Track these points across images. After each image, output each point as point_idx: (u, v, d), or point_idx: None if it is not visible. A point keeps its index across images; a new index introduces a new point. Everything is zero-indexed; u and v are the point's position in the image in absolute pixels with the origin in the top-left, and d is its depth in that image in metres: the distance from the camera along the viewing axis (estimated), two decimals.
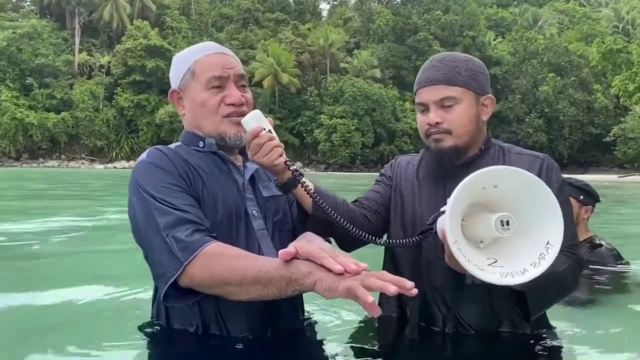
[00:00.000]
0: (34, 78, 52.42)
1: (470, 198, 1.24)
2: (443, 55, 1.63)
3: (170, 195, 1.34)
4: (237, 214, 1.44)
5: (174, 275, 1.27)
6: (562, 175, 1.58)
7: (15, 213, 7.35)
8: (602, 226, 6.27)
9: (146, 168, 1.40)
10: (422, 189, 1.65)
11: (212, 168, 1.48)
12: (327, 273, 1.15)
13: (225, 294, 1.28)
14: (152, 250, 1.33)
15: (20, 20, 56.60)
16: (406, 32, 57.97)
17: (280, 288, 1.21)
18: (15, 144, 50.69)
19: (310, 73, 56.64)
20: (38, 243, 4.27)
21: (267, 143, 1.36)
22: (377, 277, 1.09)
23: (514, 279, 1.18)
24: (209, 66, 1.48)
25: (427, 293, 1.58)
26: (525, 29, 64.98)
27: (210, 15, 64.71)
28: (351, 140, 50.41)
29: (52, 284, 2.68)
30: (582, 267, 1.55)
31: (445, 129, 1.55)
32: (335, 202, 1.53)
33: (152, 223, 1.32)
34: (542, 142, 51.37)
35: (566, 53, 54.70)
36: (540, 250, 1.20)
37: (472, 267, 1.17)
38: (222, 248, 1.29)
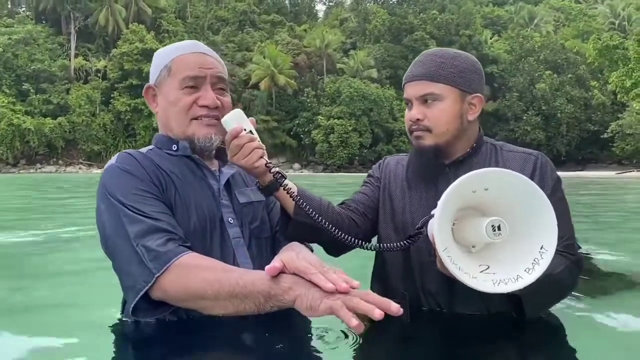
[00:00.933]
0: (30, 83, 52.33)
1: (460, 202, 1.18)
2: (433, 51, 1.58)
3: (141, 202, 1.27)
4: (212, 222, 1.37)
5: (145, 287, 1.19)
6: (557, 172, 1.53)
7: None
8: (603, 224, 6.25)
9: (115, 173, 1.32)
10: (412, 189, 1.59)
11: (186, 173, 1.40)
12: (309, 289, 1.07)
13: (200, 309, 1.21)
14: (121, 260, 1.25)
15: (16, 26, 56.50)
16: (402, 32, 58.00)
17: (258, 304, 1.13)
18: (13, 150, 50.57)
19: (307, 74, 56.62)
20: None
21: (247, 144, 1.29)
22: (362, 297, 1.02)
23: (507, 287, 1.13)
24: (186, 65, 1.41)
25: (420, 297, 1.53)
26: (521, 27, 65.11)
27: (206, 18, 64.67)
28: (349, 141, 50.38)
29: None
30: (580, 268, 1.49)
31: (425, 126, 1.50)
32: (320, 205, 1.46)
33: (121, 231, 1.24)
34: (540, 140, 51.40)
35: (562, 50, 54.79)
36: (534, 255, 1.15)
37: (463, 275, 1.13)
38: (196, 259, 1.21)
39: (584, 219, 6.45)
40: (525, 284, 1.13)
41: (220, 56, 1.53)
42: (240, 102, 53.63)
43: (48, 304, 2.20)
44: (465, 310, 1.49)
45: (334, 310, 1.01)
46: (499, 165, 1.52)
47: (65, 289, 2.48)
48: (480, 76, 1.56)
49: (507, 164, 1.52)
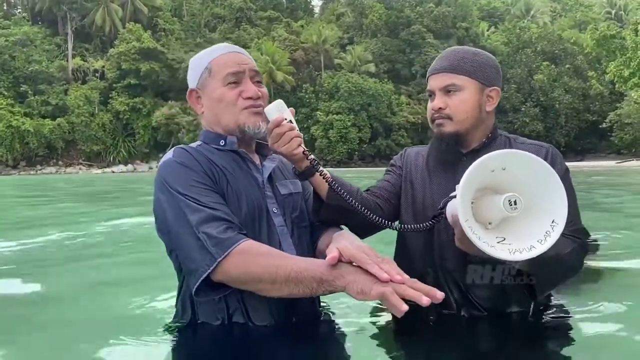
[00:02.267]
0: (28, 85, 52.33)
1: (479, 181, 1.31)
2: (455, 48, 1.74)
3: (199, 193, 1.39)
4: (259, 212, 1.50)
5: (207, 270, 1.31)
6: (565, 163, 1.67)
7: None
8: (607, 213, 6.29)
9: (174, 167, 1.45)
10: (432, 177, 1.72)
11: (234, 166, 1.53)
12: (360, 275, 1.19)
13: (258, 291, 1.33)
14: (182, 246, 1.37)
15: (12, 27, 56.41)
16: (399, 26, 57.95)
17: (312, 288, 1.25)
18: (12, 152, 50.62)
19: (304, 70, 56.60)
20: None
21: (287, 133, 1.42)
22: (410, 285, 1.14)
23: (521, 255, 1.25)
24: (225, 63, 1.54)
25: (439, 276, 1.64)
26: (518, 19, 65.06)
27: (202, 16, 64.56)
28: (348, 136, 50.44)
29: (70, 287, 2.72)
30: (586, 251, 1.62)
31: (447, 114, 1.64)
32: (351, 189, 1.58)
33: (182, 220, 1.36)
34: (539, 131, 51.42)
35: (560, 41, 54.77)
36: (546, 228, 1.27)
37: (482, 244, 1.24)
38: (255, 246, 1.34)
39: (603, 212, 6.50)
40: (538, 253, 1.25)
41: None
42: None
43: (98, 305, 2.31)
44: (481, 288, 1.61)
45: (386, 296, 1.11)
46: None
47: (116, 293, 2.57)
48: (498, 72, 1.72)
49: None
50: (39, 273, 3.18)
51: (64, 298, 2.48)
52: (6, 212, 9.38)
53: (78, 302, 2.41)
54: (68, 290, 2.63)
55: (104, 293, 2.57)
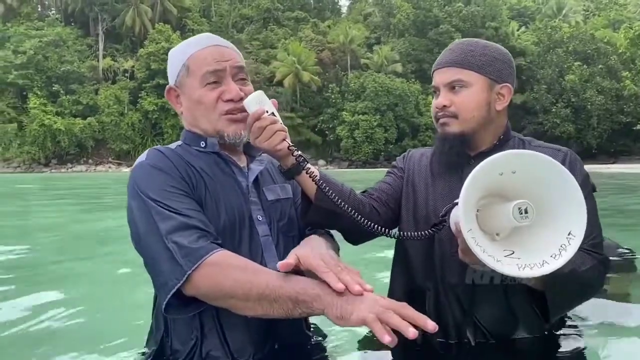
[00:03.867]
0: (60, 85, 53.47)
1: (485, 186, 1.14)
2: (463, 40, 1.57)
3: (172, 199, 1.25)
4: (241, 219, 1.35)
5: (177, 284, 1.17)
6: (585, 169, 1.49)
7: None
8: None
9: (146, 171, 1.30)
10: (435, 181, 1.57)
11: (215, 170, 1.38)
12: (339, 297, 1.05)
13: (231, 308, 1.19)
14: (152, 257, 1.23)
15: (46, 28, 57.75)
16: (427, 26, 57.42)
17: (287, 309, 1.11)
18: (44, 150, 51.81)
19: (331, 70, 56.54)
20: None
21: (269, 126, 1.27)
22: (397, 311, 0.99)
23: (532, 271, 1.08)
24: (204, 60, 1.37)
25: (439, 292, 1.50)
26: (549, 18, 63.78)
27: (230, 17, 65.05)
28: (374, 137, 50.19)
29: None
30: (607, 268, 1.44)
31: (452, 113, 1.48)
32: (342, 190, 1.43)
33: (153, 228, 1.22)
34: (570, 132, 50.36)
35: (592, 40, 53.44)
36: (561, 241, 1.10)
37: (487, 257, 1.08)
38: (228, 257, 1.19)
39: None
40: (551, 270, 1.08)
41: (244, 54, 1.50)
42: None
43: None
44: (486, 305, 1.45)
45: (367, 323, 0.99)
46: None
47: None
48: (511, 67, 1.54)
49: None
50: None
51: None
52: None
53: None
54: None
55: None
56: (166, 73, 1.54)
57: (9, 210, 9.25)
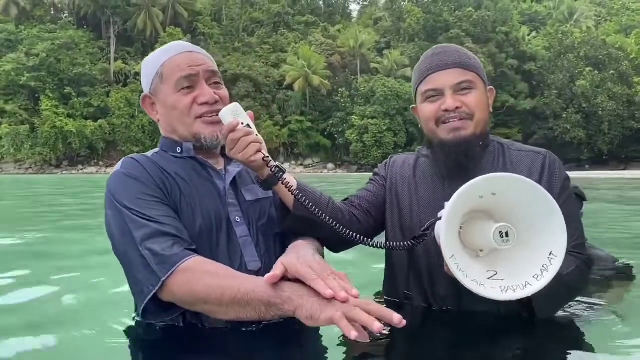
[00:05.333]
0: (72, 87, 53.91)
1: (467, 206, 1.17)
2: (447, 45, 1.59)
3: (146, 207, 1.28)
4: (218, 223, 1.37)
5: (152, 291, 1.21)
6: (565, 171, 1.51)
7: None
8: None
9: (120, 179, 1.34)
10: (419, 189, 1.57)
11: (191, 175, 1.41)
12: (309, 299, 1.08)
13: (206, 312, 1.22)
14: (128, 265, 1.27)
15: (59, 31, 58.30)
16: (438, 30, 57.30)
17: (259, 312, 1.13)
18: (56, 152, 52.22)
19: (340, 74, 56.58)
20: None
21: (243, 138, 1.29)
22: (364, 307, 1.02)
23: (515, 294, 1.12)
24: (177, 67, 1.41)
25: (429, 300, 1.51)
26: (560, 23, 63.44)
27: (241, 20, 65.32)
28: (383, 141, 50.12)
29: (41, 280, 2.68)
30: (590, 268, 1.48)
31: (467, 113, 1.46)
32: (320, 199, 1.43)
33: (128, 237, 1.25)
34: (581, 138, 49.99)
35: (604, 46, 53.05)
36: (542, 261, 1.13)
37: (470, 282, 1.12)
38: (201, 264, 1.22)
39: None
40: (533, 291, 1.12)
41: (255, 57, 1.54)
42: (274, 103, 54.00)
43: (63, 304, 2.22)
44: (477, 311, 1.46)
45: (335, 321, 1.02)
46: (506, 164, 1.50)
47: (80, 286, 2.51)
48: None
49: (515, 163, 1.50)
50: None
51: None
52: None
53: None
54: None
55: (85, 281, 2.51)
56: None
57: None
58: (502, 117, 56.11)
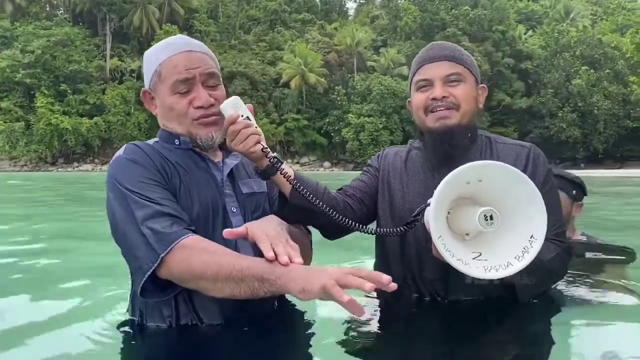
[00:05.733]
0: (67, 84, 53.77)
1: (455, 192, 1.26)
2: (440, 42, 1.69)
3: (148, 189, 1.33)
4: (214, 211, 1.42)
5: (151, 267, 1.25)
6: (548, 164, 1.61)
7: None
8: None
9: (123, 164, 1.39)
10: (410, 179, 1.65)
11: (190, 164, 1.46)
12: (302, 274, 1.13)
13: (201, 289, 1.27)
14: (129, 244, 1.31)
15: (54, 28, 58.09)
16: (434, 29, 57.38)
17: (253, 288, 1.19)
18: (51, 149, 52.09)
19: (337, 72, 56.62)
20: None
21: (243, 130, 1.36)
22: (355, 273, 1.08)
23: (497, 273, 1.22)
24: (174, 68, 1.44)
25: (417, 284, 1.59)
26: (556, 22, 63.61)
27: (237, 18, 65.26)
28: (379, 139, 50.19)
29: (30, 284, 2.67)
30: (570, 255, 1.57)
31: (452, 103, 1.55)
32: (316, 189, 1.51)
33: (129, 217, 1.30)
34: (576, 137, 50.21)
35: (600, 45, 53.26)
36: (524, 244, 1.23)
37: (456, 261, 1.20)
38: (199, 241, 1.28)
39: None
40: (515, 271, 1.21)
41: (251, 55, 1.56)
42: (271, 101, 53.98)
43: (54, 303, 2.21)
44: (461, 297, 1.55)
45: (327, 288, 1.05)
46: (493, 156, 1.59)
47: (72, 287, 2.50)
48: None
49: (501, 155, 1.59)
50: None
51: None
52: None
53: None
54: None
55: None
56: None
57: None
58: (498, 115, 56.28)
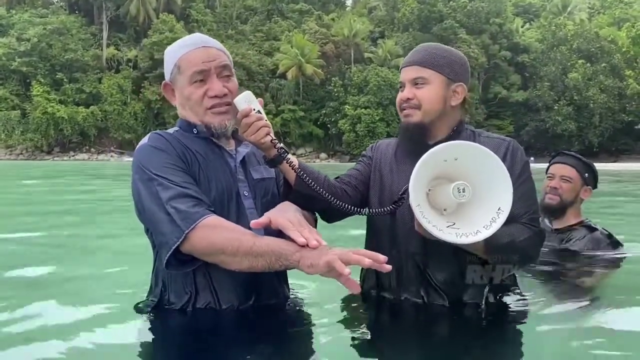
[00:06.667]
0: (63, 73, 53.51)
1: (434, 169, 1.46)
2: (429, 44, 1.86)
3: (172, 174, 1.49)
4: (229, 195, 1.59)
5: (176, 242, 1.41)
6: (525, 157, 1.79)
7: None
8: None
9: (148, 151, 1.55)
10: (399, 167, 1.83)
11: (207, 152, 1.62)
12: (311, 251, 1.33)
13: (220, 262, 1.44)
14: (155, 221, 1.46)
15: (50, 16, 57.70)
16: (431, 21, 57.26)
17: (270, 262, 1.37)
18: (47, 138, 51.93)
19: (334, 63, 56.48)
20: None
21: (255, 122, 1.52)
22: (354, 252, 1.28)
23: (467, 239, 1.42)
24: (192, 61, 1.60)
25: (402, 260, 1.75)
26: (554, 15, 63.54)
27: (234, 8, 64.91)
28: (376, 131, 50.20)
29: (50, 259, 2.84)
30: (542, 239, 1.73)
31: (415, 104, 1.75)
32: (318, 177, 1.67)
33: (155, 197, 1.46)
34: (571, 130, 50.35)
35: (597, 39, 53.28)
36: (492, 215, 1.43)
37: (432, 227, 1.41)
38: (220, 221, 1.45)
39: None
40: (483, 237, 1.42)
41: (248, 45, 1.71)
42: (267, 92, 53.83)
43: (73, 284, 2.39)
44: (438, 269, 1.72)
45: (331, 263, 1.26)
46: None
47: (92, 270, 2.67)
48: (466, 70, 1.82)
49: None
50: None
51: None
52: None
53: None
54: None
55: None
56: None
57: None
58: (495, 108, 56.35)
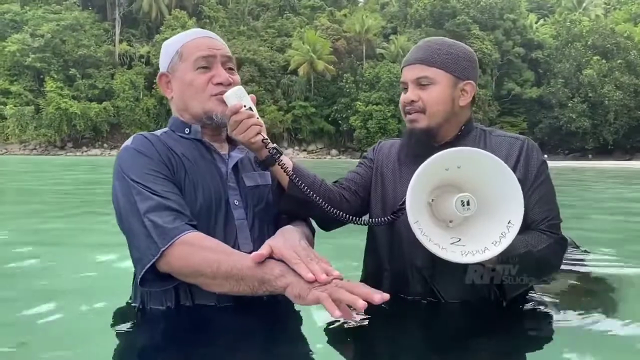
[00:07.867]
0: (76, 69, 53.92)
1: (435, 179, 1.28)
2: (432, 38, 1.66)
3: (152, 181, 1.35)
4: (217, 203, 1.44)
5: (151, 260, 1.28)
6: (542, 156, 1.61)
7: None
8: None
9: (130, 154, 1.42)
10: (402, 169, 1.67)
11: (196, 156, 1.48)
12: (300, 278, 1.16)
13: (200, 284, 1.30)
14: (131, 234, 1.34)
15: (64, 12, 58.13)
16: (444, 16, 56.87)
17: (252, 287, 1.22)
18: (60, 133, 52.39)
19: (346, 60, 56.34)
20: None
21: (245, 120, 1.37)
22: (348, 289, 1.09)
23: (474, 257, 1.23)
24: (196, 47, 1.50)
25: (407, 271, 1.59)
26: (569, 11, 62.87)
27: (247, 4, 64.92)
28: (387, 127, 50.06)
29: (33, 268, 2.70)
30: (564, 247, 1.56)
31: (420, 107, 1.57)
32: (313, 181, 1.53)
33: (133, 208, 1.33)
34: (586, 128, 49.82)
35: (612, 35, 52.61)
36: (501, 229, 1.24)
37: (432, 245, 1.22)
38: (200, 238, 1.29)
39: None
40: (491, 255, 1.23)
41: (260, 42, 1.61)
42: (279, 88, 53.86)
43: (58, 288, 2.26)
44: (448, 284, 1.55)
45: (321, 301, 1.09)
46: (486, 148, 1.57)
47: (76, 273, 2.55)
48: (474, 65, 1.63)
49: (494, 148, 1.59)
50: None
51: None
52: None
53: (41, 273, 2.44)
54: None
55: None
56: None
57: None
58: (508, 105, 55.91)
